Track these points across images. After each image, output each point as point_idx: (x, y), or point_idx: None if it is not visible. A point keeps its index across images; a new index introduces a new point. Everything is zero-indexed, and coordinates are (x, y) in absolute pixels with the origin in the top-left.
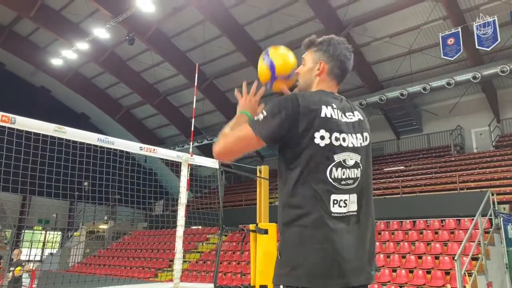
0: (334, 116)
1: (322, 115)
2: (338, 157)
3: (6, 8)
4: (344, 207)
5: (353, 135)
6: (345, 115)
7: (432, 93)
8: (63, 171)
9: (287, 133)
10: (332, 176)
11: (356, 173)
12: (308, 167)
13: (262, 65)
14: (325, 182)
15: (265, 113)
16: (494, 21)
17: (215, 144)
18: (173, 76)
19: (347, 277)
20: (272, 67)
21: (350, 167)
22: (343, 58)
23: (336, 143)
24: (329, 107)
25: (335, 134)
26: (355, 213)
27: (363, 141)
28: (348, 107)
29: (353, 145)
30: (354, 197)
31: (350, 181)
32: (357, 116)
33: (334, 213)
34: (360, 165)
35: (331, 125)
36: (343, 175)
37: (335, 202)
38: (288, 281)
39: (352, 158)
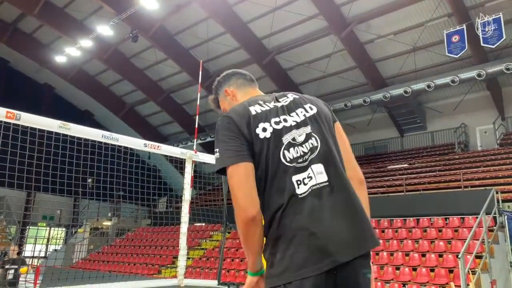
0: (264, 109)
1: (253, 113)
2: (285, 139)
3: (10, 5)
4: (309, 181)
5: (292, 113)
6: (278, 101)
7: (436, 90)
8: (68, 167)
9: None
10: (287, 159)
11: (312, 143)
12: (266, 163)
13: None
14: (282, 169)
15: (217, 149)
16: (499, 18)
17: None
18: (176, 73)
19: (331, 255)
20: None
21: (302, 143)
22: (231, 73)
23: (278, 127)
24: (256, 105)
25: (274, 119)
26: (327, 183)
27: (307, 112)
28: (280, 95)
29: (296, 122)
30: (319, 167)
31: (306, 156)
32: (291, 97)
33: (300, 194)
34: (313, 134)
35: (265, 116)
36: (297, 153)
37: (299, 182)
38: (271, 282)
39: (300, 134)
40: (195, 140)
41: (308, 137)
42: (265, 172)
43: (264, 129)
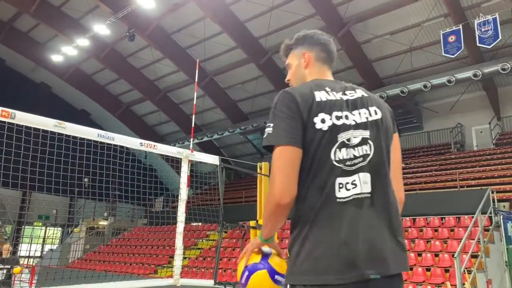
0: (330, 98)
1: (318, 99)
2: (341, 137)
3: (6, 3)
4: (353, 188)
5: (356, 111)
6: (344, 94)
7: (432, 90)
8: (63, 166)
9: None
10: (337, 158)
11: (366, 149)
12: (313, 156)
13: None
14: (329, 166)
15: (271, 124)
16: (495, 18)
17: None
18: (173, 72)
19: (359, 269)
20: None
21: (355, 146)
22: (324, 41)
23: (338, 122)
24: (323, 91)
25: (336, 113)
26: (369, 195)
27: (371, 115)
28: (349, 87)
29: (356, 122)
30: (366, 176)
31: (357, 160)
32: (360, 93)
33: (339, 198)
34: (370, 141)
35: (329, 107)
36: (347, 155)
37: (341, 185)
38: (293, 279)
39: (356, 136)
40: (191, 139)
41: (363, 142)
42: (310, 165)
43: (323, 120)
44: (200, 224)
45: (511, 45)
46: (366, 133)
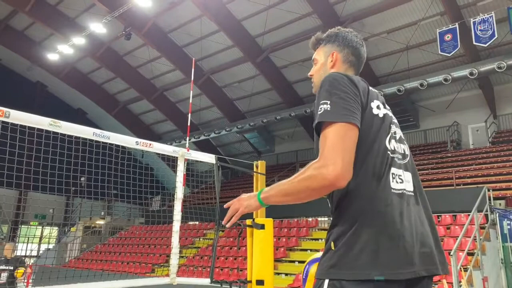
0: (372, 90)
1: (370, 88)
2: (392, 128)
3: (1, 2)
4: (401, 183)
5: (387, 109)
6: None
7: (429, 89)
8: (59, 165)
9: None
10: (391, 148)
11: (404, 148)
12: (372, 141)
13: None
14: (384, 155)
15: (328, 101)
16: (491, 17)
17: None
18: (170, 71)
19: (415, 266)
20: None
21: (398, 141)
22: (356, 44)
23: (388, 113)
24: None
25: (382, 107)
26: (412, 193)
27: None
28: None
29: (392, 119)
30: (408, 175)
31: (400, 156)
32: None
33: (393, 189)
34: (405, 142)
35: (377, 96)
36: (397, 148)
37: (393, 176)
38: (347, 274)
39: (397, 133)
40: (187, 138)
41: (401, 141)
42: (366, 149)
43: (378, 107)
44: (197, 223)
45: (507, 43)
46: (401, 133)
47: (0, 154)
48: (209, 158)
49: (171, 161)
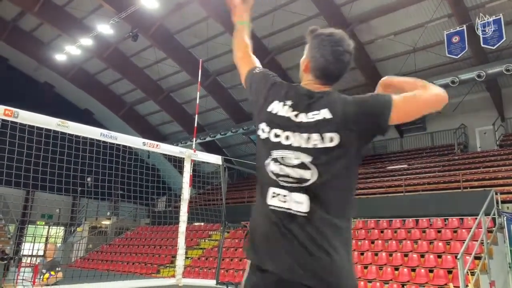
0: (280, 113)
1: (269, 109)
2: (276, 154)
3: (10, 3)
4: (284, 202)
5: (304, 134)
6: (303, 114)
7: None
8: (66, 166)
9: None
10: (270, 170)
11: (302, 174)
12: (257, 157)
13: None
14: (265, 174)
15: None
16: (499, 19)
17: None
18: (176, 72)
19: (258, 254)
20: None
21: (292, 166)
22: (325, 62)
23: (274, 140)
24: (281, 103)
25: (275, 131)
26: (305, 214)
27: (321, 143)
28: (319, 105)
29: (300, 145)
30: (302, 197)
31: (290, 180)
32: (323, 115)
33: (270, 205)
34: (312, 167)
35: (275, 121)
36: (281, 171)
37: (274, 195)
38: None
39: (297, 158)
40: (194, 139)
41: (302, 166)
42: (257, 162)
43: (263, 130)
44: (202, 224)
45: None
46: (308, 159)
47: (8, 154)
48: (216, 159)
49: (178, 162)
